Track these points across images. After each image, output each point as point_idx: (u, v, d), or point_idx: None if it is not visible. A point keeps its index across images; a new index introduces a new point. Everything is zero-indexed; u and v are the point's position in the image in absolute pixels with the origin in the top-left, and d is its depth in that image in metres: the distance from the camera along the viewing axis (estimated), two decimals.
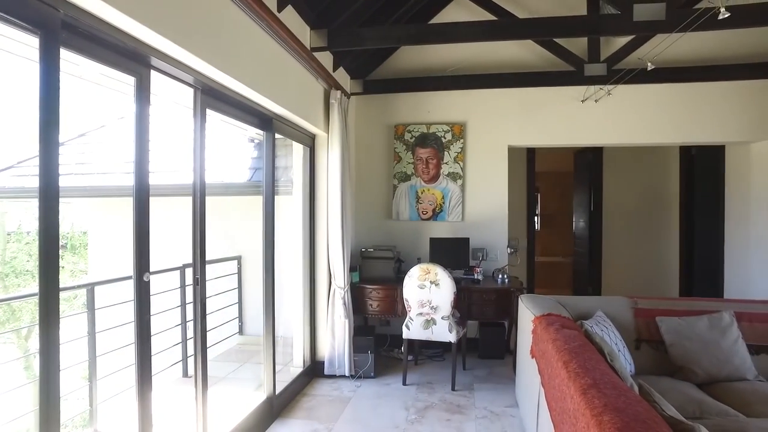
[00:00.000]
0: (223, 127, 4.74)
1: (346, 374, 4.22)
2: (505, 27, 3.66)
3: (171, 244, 4.33)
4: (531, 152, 6.62)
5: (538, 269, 8.63)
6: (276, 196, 3.65)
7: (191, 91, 2.65)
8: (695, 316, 3.23)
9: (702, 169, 5.99)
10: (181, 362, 4.43)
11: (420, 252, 4.98)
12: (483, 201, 5.00)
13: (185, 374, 4.45)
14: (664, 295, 6.24)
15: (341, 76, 4.63)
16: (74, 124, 6.31)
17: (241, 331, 5.59)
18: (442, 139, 5.01)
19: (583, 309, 3.35)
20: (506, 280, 4.48)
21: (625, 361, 3.03)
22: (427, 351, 4.93)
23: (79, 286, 5.20)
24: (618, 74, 4.42)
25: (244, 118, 3.24)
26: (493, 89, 4.95)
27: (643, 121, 4.78)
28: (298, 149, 4.34)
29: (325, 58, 4.14)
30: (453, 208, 4.99)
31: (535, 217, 9.49)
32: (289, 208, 4.41)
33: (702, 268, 6.02)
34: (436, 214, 5.03)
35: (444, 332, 3.97)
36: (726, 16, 2.59)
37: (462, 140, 4.99)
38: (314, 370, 4.38)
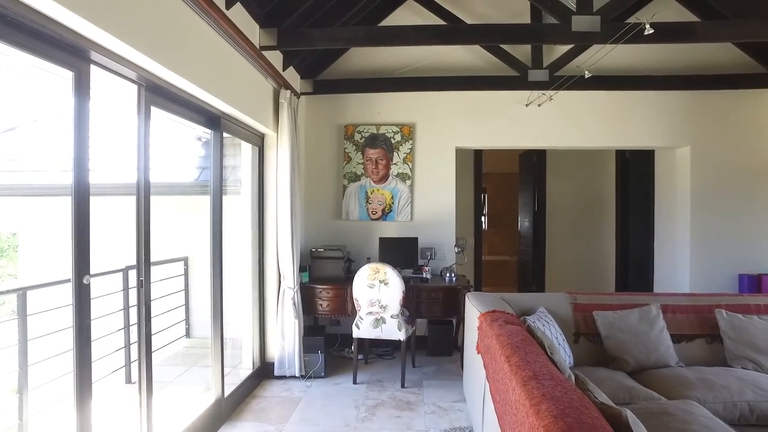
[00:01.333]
0: (170, 124, 4.60)
1: (297, 375, 4.21)
2: (453, 32, 3.76)
3: (113, 245, 4.16)
4: (478, 153, 6.81)
5: (486, 268, 8.88)
6: (224, 196, 3.60)
7: (135, 87, 2.57)
8: (627, 309, 3.44)
9: (635, 172, 6.37)
10: (123, 368, 4.27)
11: (370, 252, 5.02)
12: (431, 201, 5.11)
13: (128, 380, 4.29)
14: (602, 290, 6.59)
15: (291, 75, 4.61)
16: (1, 117, 5.94)
17: (188, 334, 5.44)
18: (392, 140, 5.08)
19: (526, 305, 3.49)
20: (454, 279, 4.60)
21: (564, 354, 3.19)
22: (378, 350, 4.98)
23: (6, 291, 4.90)
24: (559, 80, 4.64)
25: (191, 116, 3.17)
26: (442, 92, 5.07)
27: (581, 126, 5.04)
28: (246, 149, 4.28)
29: (275, 57, 4.11)
30: (402, 208, 5.07)
31: (483, 217, 9.78)
32: (238, 208, 4.34)
33: (635, 264, 6.40)
34: (386, 214, 5.09)
35: (393, 331, 4.03)
36: (650, 32, 2.79)
37: (411, 141, 5.07)
38: (264, 371, 4.33)
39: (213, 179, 3.46)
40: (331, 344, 5.00)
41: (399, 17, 5.04)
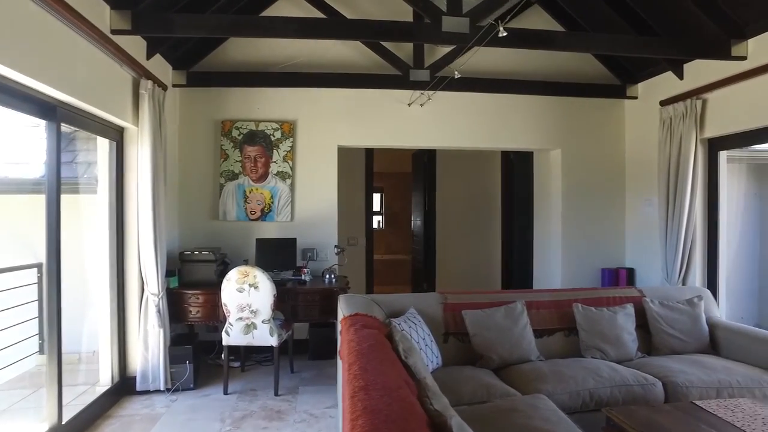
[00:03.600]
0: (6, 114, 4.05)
1: (161, 388, 3.88)
2: (324, 26, 3.65)
3: None
4: (369, 152, 6.77)
5: (384, 267, 8.94)
6: (77, 195, 3.22)
7: None
8: (495, 307, 3.52)
9: (519, 173, 6.65)
10: None
11: (248, 254, 4.77)
12: (313, 201, 4.97)
13: None
14: (490, 287, 6.84)
15: (159, 65, 4.25)
16: None
17: (41, 350, 4.85)
18: (272, 137, 4.87)
19: (397, 306, 3.45)
20: (333, 280, 4.49)
21: (431, 355, 3.18)
22: (258, 356, 4.75)
23: None
24: (441, 81, 4.70)
25: (16, 104, 2.77)
26: (324, 88, 4.94)
27: (463, 127, 5.15)
28: (103, 144, 3.87)
29: (135, 44, 3.75)
30: (282, 208, 4.88)
31: (380, 216, 9.83)
32: (94, 208, 3.92)
33: (519, 262, 6.69)
34: (265, 214, 4.88)
35: (265, 336, 3.84)
36: (504, 34, 2.87)
37: (292, 139, 4.90)
38: (124, 387, 3.94)
39: (49, 175, 3.06)
40: (208, 352, 4.69)
41: (280, 8, 4.83)
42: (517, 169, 6.72)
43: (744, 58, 3.89)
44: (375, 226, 9.69)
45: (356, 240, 6.68)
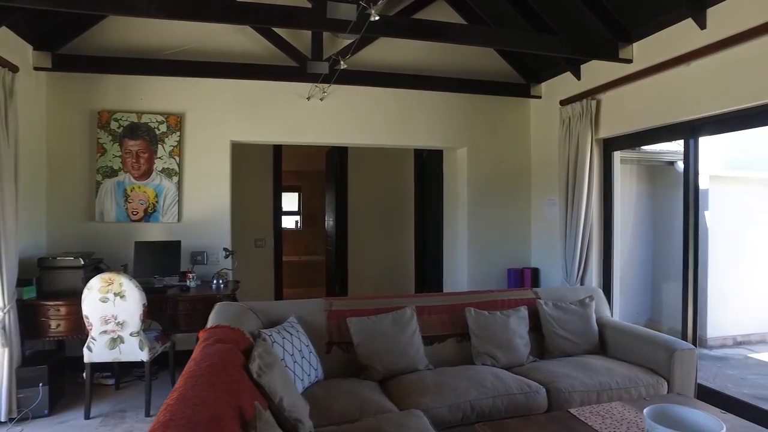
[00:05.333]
0: None
1: (2, 419, 3.36)
2: (189, 6, 3.25)
3: None
4: (278, 149, 6.43)
5: (301, 269, 8.63)
6: None
7: None
8: (384, 313, 3.32)
9: (431, 172, 6.54)
10: None
11: (128, 258, 4.31)
12: (203, 200, 4.58)
13: None
14: (404, 291, 6.68)
15: (7, 42, 3.71)
16: None
17: None
18: (156, 130, 4.44)
19: (278, 315, 3.18)
20: (221, 286, 4.15)
21: (308, 368, 2.92)
22: (138, 371, 4.30)
23: None
24: (343, 74, 4.46)
25: None
26: (216, 79, 4.56)
27: (368, 123, 4.94)
28: None
29: None
30: (168, 208, 4.46)
31: (298, 216, 9.50)
32: None
33: (431, 263, 6.58)
34: (149, 214, 4.44)
35: (134, 351, 3.44)
36: (376, 18, 2.69)
37: (179, 133, 4.49)
38: None
39: None
40: (80, 370, 4.18)
41: None
42: (429, 168, 6.61)
43: (630, 60, 3.94)
44: (293, 226, 9.39)
45: (264, 241, 6.34)
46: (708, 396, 3.53)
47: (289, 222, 9.48)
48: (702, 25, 3.34)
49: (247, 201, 6.09)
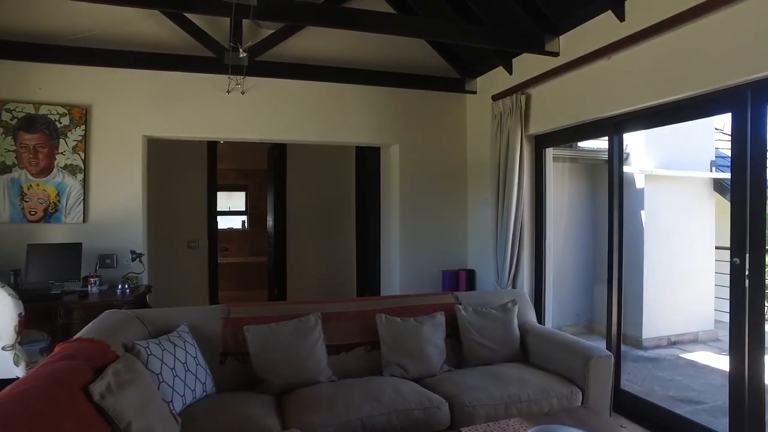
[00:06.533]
0: None
1: None
2: None
3: None
4: (212, 146, 6.13)
5: (246, 270, 8.32)
6: None
7: None
8: (287, 321, 3.08)
9: (371, 170, 6.32)
10: None
11: (22, 262, 3.96)
12: (112, 199, 4.25)
13: None
14: (346, 295, 6.44)
15: None
16: None
17: None
18: (57, 123, 4.09)
19: (167, 323, 2.90)
20: (127, 291, 3.84)
21: (195, 382, 2.67)
22: None
23: None
24: (265, 67, 4.22)
25: None
26: (126, 69, 4.23)
27: (294, 118, 4.68)
28: None
29: None
30: (72, 208, 4.13)
31: (244, 216, 9.19)
32: None
33: (371, 265, 6.35)
34: (50, 214, 4.09)
35: (8, 366, 3.11)
36: (254, 3, 2.46)
37: (84, 126, 4.15)
38: None
39: None
40: None
41: None
42: (370, 167, 6.38)
43: (557, 54, 3.79)
44: (240, 226, 9.07)
45: (197, 242, 6.03)
46: (628, 403, 3.42)
47: (236, 222, 9.15)
48: (621, 17, 3.21)
49: (178, 200, 5.78)
